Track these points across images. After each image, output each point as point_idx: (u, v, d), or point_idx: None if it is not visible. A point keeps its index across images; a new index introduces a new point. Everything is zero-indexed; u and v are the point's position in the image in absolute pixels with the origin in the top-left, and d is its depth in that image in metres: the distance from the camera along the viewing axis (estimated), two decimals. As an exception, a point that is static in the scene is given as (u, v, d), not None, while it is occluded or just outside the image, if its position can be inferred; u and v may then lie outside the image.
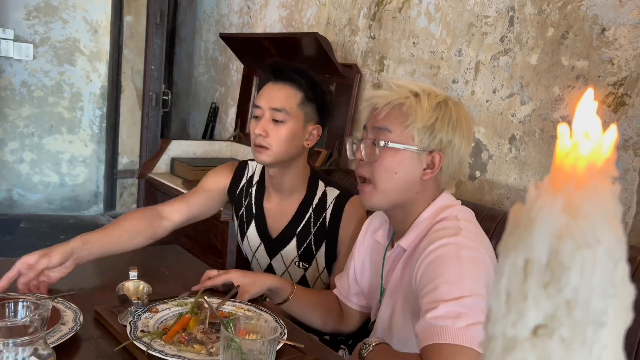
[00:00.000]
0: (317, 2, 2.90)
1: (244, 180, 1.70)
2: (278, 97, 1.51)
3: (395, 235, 1.28)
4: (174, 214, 1.60)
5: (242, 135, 3.30)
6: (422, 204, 1.19)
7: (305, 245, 1.61)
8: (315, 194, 1.60)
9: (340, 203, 1.57)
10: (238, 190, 1.70)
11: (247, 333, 0.99)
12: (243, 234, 1.71)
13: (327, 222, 1.58)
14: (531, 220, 0.30)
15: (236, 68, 3.63)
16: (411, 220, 1.20)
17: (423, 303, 1.05)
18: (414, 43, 2.33)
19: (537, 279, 0.30)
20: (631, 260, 1.32)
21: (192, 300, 1.24)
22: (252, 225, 1.68)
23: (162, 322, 1.17)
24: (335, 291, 1.47)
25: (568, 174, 0.30)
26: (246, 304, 1.29)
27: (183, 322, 1.13)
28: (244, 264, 1.93)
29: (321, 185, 1.62)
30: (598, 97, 0.31)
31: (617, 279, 0.29)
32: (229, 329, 0.96)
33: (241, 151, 3.26)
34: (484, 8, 2.04)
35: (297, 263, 1.63)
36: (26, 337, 0.83)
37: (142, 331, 1.11)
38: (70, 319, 1.12)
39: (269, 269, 1.66)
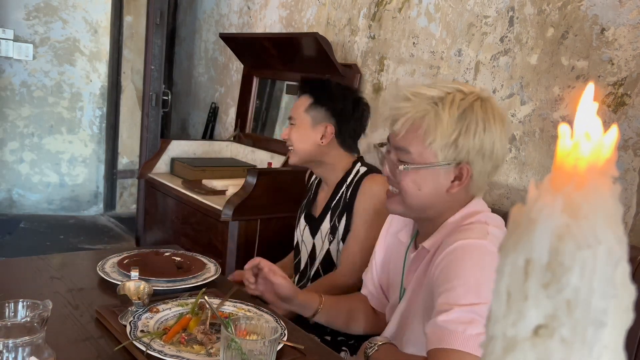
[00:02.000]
0: (317, 2, 2.90)
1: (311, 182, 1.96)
2: (293, 107, 1.81)
3: (418, 236, 1.24)
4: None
5: (242, 135, 3.30)
6: (450, 212, 1.15)
7: (334, 218, 1.76)
8: (350, 174, 1.76)
9: (361, 178, 1.72)
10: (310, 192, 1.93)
11: (247, 333, 0.99)
12: (297, 222, 1.90)
13: (347, 195, 1.73)
14: (531, 221, 0.30)
15: (236, 68, 3.63)
16: (438, 224, 1.15)
17: (437, 303, 1.02)
18: (413, 43, 2.33)
19: (538, 279, 0.30)
20: (631, 260, 1.31)
21: (193, 300, 1.24)
22: (304, 213, 1.87)
23: (162, 322, 1.17)
24: (363, 291, 1.44)
25: (568, 174, 0.30)
26: (247, 305, 1.29)
27: (183, 322, 1.13)
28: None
29: (357, 166, 1.77)
30: (598, 97, 0.31)
31: (617, 279, 0.29)
32: (229, 329, 0.96)
33: (241, 151, 3.26)
34: (483, 8, 2.04)
35: (328, 236, 1.76)
36: (26, 337, 0.83)
37: (142, 331, 1.11)
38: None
39: (313, 249, 1.80)
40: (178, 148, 3.13)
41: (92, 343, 1.11)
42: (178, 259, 1.55)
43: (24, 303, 0.92)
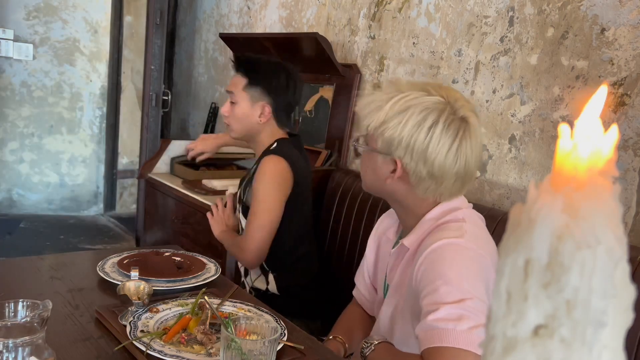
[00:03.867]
0: (317, 2, 2.90)
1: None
2: (231, 83, 1.89)
3: (402, 233, 1.27)
4: None
5: (242, 135, 3.29)
6: (424, 207, 1.18)
7: (243, 190, 1.92)
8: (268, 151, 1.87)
9: (260, 159, 1.83)
10: None
11: (247, 333, 0.99)
12: None
13: (253, 170, 1.87)
14: (531, 221, 0.30)
15: (236, 68, 3.62)
16: (416, 220, 1.19)
17: (423, 304, 1.04)
18: (413, 43, 2.33)
19: (538, 279, 0.30)
20: (631, 260, 1.31)
21: (193, 300, 1.24)
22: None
23: (162, 322, 1.17)
24: (355, 294, 1.44)
25: (568, 174, 0.30)
26: (247, 305, 1.29)
27: (183, 322, 1.13)
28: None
29: (274, 145, 1.86)
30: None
31: (617, 279, 0.29)
32: (229, 329, 0.96)
33: (241, 151, 3.26)
34: (483, 8, 2.04)
35: (239, 208, 1.93)
36: (26, 337, 0.83)
37: (142, 331, 1.11)
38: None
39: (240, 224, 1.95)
40: (178, 148, 3.13)
41: (92, 343, 1.11)
42: (178, 259, 1.55)
43: (24, 303, 0.92)
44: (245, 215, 1.86)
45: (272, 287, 1.86)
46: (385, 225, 1.36)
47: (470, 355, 0.95)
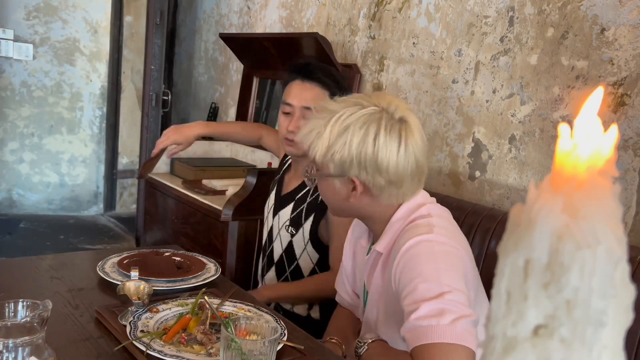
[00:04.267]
0: (317, 2, 2.90)
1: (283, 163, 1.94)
2: (309, 97, 1.67)
3: (373, 239, 1.28)
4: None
5: (242, 135, 3.30)
6: (390, 211, 1.19)
7: (297, 211, 1.73)
8: None
9: None
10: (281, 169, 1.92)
11: (247, 333, 0.99)
12: (266, 199, 1.91)
13: (315, 194, 1.69)
14: (531, 221, 0.30)
15: (236, 68, 3.63)
16: (384, 224, 1.20)
17: (404, 305, 1.05)
18: (413, 43, 2.33)
19: (537, 279, 0.30)
20: (631, 260, 1.31)
21: (193, 300, 1.24)
22: (274, 191, 1.86)
23: (162, 322, 1.17)
24: (339, 300, 1.46)
25: (568, 174, 0.30)
26: (247, 305, 1.29)
27: (183, 322, 1.13)
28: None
29: None
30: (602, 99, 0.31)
31: (617, 279, 0.29)
32: (229, 329, 0.96)
33: (241, 151, 3.26)
34: (483, 8, 2.04)
35: (287, 227, 1.75)
36: (26, 337, 0.83)
37: (142, 331, 1.11)
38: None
39: (271, 230, 1.81)
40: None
41: (92, 343, 1.11)
42: (178, 259, 1.55)
43: (24, 303, 0.92)
44: (316, 246, 1.71)
45: (316, 313, 1.75)
46: (357, 233, 1.37)
47: (457, 348, 0.96)
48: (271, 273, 1.80)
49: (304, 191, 1.74)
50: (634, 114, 1.61)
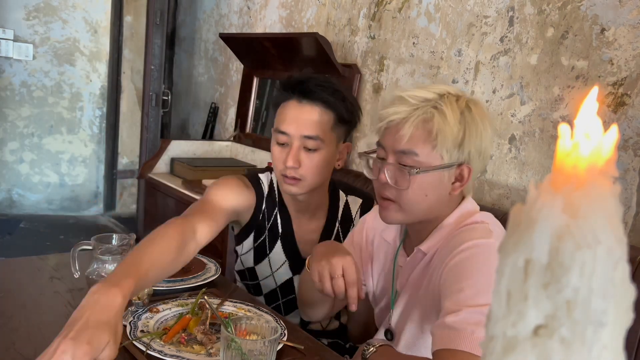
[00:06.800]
0: (317, 2, 2.90)
1: (263, 199, 1.49)
2: (309, 123, 1.33)
3: (408, 238, 1.22)
4: (204, 234, 1.31)
5: (242, 135, 3.30)
6: (445, 214, 1.13)
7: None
8: (338, 207, 1.51)
9: (364, 212, 1.43)
10: (261, 212, 1.50)
11: (247, 333, 0.99)
12: (263, 255, 1.52)
13: (342, 232, 1.51)
14: (531, 221, 0.30)
15: (236, 68, 3.63)
16: (433, 226, 1.14)
17: (445, 304, 1.00)
18: (413, 43, 2.33)
19: (538, 279, 0.30)
20: (631, 260, 1.31)
21: (193, 300, 1.24)
22: (278, 245, 1.51)
23: (162, 322, 1.17)
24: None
25: (568, 174, 0.30)
26: (247, 305, 1.29)
27: (183, 322, 1.13)
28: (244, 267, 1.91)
29: (342, 195, 1.53)
30: (598, 97, 0.31)
31: (617, 279, 0.29)
32: (229, 329, 0.96)
33: (241, 151, 3.26)
34: (483, 8, 2.04)
35: None
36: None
37: (142, 331, 1.11)
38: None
39: (287, 283, 1.52)
40: (178, 148, 3.13)
41: (92, 343, 1.11)
42: None
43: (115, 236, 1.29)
44: None
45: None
46: (374, 226, 1.29)
47: None
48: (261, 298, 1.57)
49: (332, 238, 1.49)
50: (634, 114, 1.61)
